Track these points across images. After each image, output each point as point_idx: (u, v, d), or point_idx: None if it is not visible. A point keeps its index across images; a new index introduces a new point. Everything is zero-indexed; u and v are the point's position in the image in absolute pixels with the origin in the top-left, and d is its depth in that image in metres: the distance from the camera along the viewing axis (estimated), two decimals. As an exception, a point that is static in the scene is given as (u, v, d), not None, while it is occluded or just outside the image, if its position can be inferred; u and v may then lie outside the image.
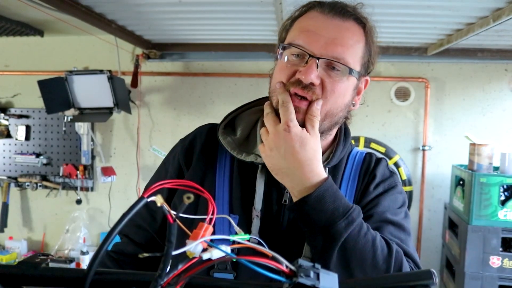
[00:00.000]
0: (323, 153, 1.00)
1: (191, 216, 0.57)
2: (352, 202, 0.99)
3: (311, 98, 0.89)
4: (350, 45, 0.90)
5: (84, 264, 3.10)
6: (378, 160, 1.07)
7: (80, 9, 2.22)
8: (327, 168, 0.99)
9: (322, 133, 0.95)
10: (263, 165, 0.96)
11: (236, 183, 1.00)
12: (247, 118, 1.05)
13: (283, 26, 0.99)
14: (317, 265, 0.53)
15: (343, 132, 1.04)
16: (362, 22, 0.93)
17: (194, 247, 0.54)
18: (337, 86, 0.90)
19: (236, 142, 1.01)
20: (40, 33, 3.18)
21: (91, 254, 3.15)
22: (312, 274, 0.52)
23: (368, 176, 1.03)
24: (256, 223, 0.95)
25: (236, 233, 0.60)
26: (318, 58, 0.88)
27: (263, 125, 0.99)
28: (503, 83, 3.14)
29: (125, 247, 1.09)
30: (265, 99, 1.04)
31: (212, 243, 0.55)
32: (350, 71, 0.90)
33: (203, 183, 1.00)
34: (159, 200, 0.51)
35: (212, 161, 1.03)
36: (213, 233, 0.57)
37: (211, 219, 0.57)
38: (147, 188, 1.06)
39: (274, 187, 0.98)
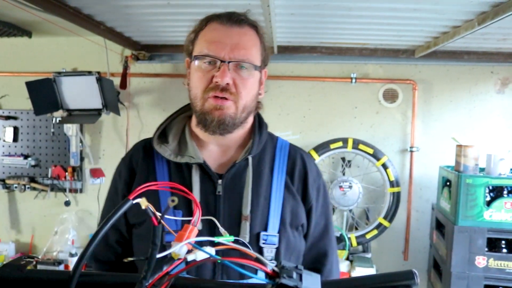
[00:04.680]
0: (246, 142, 1.17)
1: (177, 218, 0.57)
2: (282, 194, 1.12)
3: (229, 97, 1.05)
4: (250, 46, 1.08)
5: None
6: (304, 154, 1.22)
7: (68, 11, 2.21)
8: (250, 158, 1.13)
9: (241, 123, 1.12)
10: (197, 164, 1.11)
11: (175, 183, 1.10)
12: (176, 127, 1.20)
13: (188, 39, 1.15)
14: (300, 266, 0.54)
15: (258, 123, 1.19)
16: (254, 26, 1.13)
17: (179, 249, 0.54)
18: (247, 82, 1.08)
19: (170, 148, 1.14)
20: (28, 34, 3.15)
21: (79, 256, 3.12)
22: (294, 275, 0.53)
23: (299, 172, 1.18)
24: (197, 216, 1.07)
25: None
26: (228, 62, 1.04)
27: (191, 131, 1.18)
28: (489, 85, 3.18)
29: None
30: (189, 106, 1.21)
31: (197, 246, 0.56)
32: (255, 67, 1.09)
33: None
34: (143, 202, 0.52)
35: (152, 169, 1.15)
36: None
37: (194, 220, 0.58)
38: (103, 216, 1.31)
39: (208, 182, 1.11)
